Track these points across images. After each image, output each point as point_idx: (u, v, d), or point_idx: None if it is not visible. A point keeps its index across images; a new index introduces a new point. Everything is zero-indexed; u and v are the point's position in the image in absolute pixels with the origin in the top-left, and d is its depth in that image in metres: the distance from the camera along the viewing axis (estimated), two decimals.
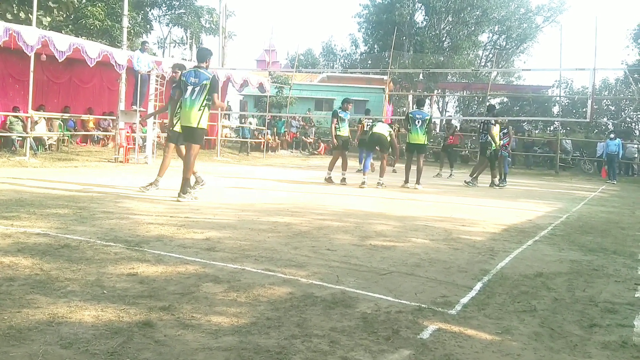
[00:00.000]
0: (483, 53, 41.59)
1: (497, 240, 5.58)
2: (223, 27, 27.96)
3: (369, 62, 40.25)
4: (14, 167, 11.53)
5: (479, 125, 13.66)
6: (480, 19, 38.29)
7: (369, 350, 2.53)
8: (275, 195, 8.92)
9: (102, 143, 17.88)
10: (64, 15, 20.88)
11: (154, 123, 15.59)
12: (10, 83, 15.45)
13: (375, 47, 41.48)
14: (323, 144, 26.44)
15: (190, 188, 7.42)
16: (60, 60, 13.52)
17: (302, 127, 28.64)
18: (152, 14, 32.77)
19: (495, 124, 13.18)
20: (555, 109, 33.73)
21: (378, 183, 11.07)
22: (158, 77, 15.16)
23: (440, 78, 34.91)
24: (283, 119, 27.30)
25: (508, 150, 14.48)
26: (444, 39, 39.24)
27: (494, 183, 13.02)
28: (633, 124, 33.87)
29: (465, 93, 38.16)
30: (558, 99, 31.92)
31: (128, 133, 15.73)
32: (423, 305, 3.22)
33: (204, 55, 7.44)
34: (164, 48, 34.95)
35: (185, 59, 29.21)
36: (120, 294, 3.12)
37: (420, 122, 11.39)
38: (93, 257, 3.94)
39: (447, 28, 39.09)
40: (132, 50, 17.12)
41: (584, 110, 22.55)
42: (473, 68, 33.02)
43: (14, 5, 17.82)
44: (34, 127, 14.15)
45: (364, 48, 44.35)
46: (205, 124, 7.39)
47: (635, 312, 3.38)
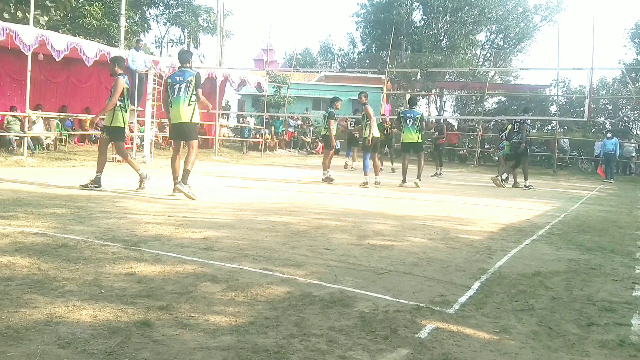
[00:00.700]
0: (481, 52, 41.61)
1: (495, 240, 5.58)
2: (221, 26, 27.96)
3: (367, 61, 40.31)
4: (12, 166, 11.51)
5: (512, 125, 13.46)
6: (478, 18, 38.30)
7: (367, 350, 2.53)
8: (273, 195, 8.92)
9: (99, 142, 17.84)
10: (62, 15, 20.85)
11: (152, 122, 15.56)
12: (8, 82, 15.41)
13: (373, 46, 41.49)
14: (321, 144, 26.44)
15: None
16: (58, 60, 13.50)
17: (300, 126, 28.64)
18: (149, 13, 32.76)
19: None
20: (553, 108, 33.78)
21: (375, 182, 11.10)
22: (155, 76, 15.14)
23: (438, 77, 34.95)
24: (281, 119, 27.30)
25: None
26: (442, 38, 39.24)
27: (502, 179, 13.08)
28: (630, 123, 33.91)
29: (463, 92, 38.19)
30: (556, 98, 32.00)
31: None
32: (421, 305, 3.23)
33: (186, 57, 7.86)
34: (162, 47, 34.93)
35: None
36: (118, 294, 3.12)
37: (412, 120, 11.52)
38: (91, 256, 3.94)
39: (444, 27, 39.10)
40: (129, 49, 17.09)
41: (582, 110, 22.63)
42: (471, 67, 33.08)
43: (11, 5, 17.78)
44: (32, 126, 14.12)
45: (362, 47, 44.34)
46: (198, 119, 7.70)
47: (633, 310, 3.38)
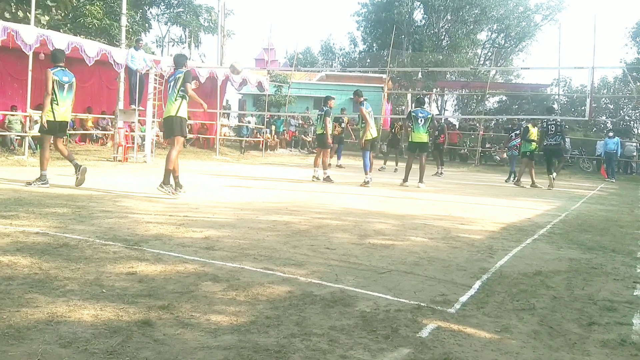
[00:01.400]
0: (482, 51, 41.55)
1: (496, 239, 5.58)
2: (222, 25, 27.96)
3: (368, 60, 40.28)
4: (13, 166, 11.52)
5: (546, 127, 13.22)
6: (479, 18, 38.24)
7: (368, 349, 2.53)
8: (274, 194, 8.92)
9: (100, 142, 17.86)
10: (63, 14, 20.86)
11: (153, 122, 15.57)
12: (9, 82, 15.42)
13: (374, 45, 41.44)
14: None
15: (177, 187, 7.67)
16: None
17: (301, 125, 28.64)
18: (150, 13, 32.77)
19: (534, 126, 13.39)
20: (554, 108, 33.72)
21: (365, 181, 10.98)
22: (156, 75, 15.14)
23: (439, 76, 34.91)
24: (282, 118, 27.29)
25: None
26: (443, 38, 39.19)
27: (513, 180, 13.17)
28: (632, 122, 33.88)
29: (464, 91, 38.16)
30: (557, 98, 31.95)
31: (127, 132, 15.72)
32: (422, 304, 3.23)
33: (181, 62, 8.21)
34: (163, 47, 34.95)
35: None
36: (119, 293, 3.12)
37: (424, 120, 11.42)
38: (92, 256, 3.94)
39: (445, 26, 39.05)
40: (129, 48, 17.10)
41: (583, 109, 22.57)
42: (472, 66, 33.05)
43: (12, 4, 17.79)
44: (33, 126, 14.13)
45: (363, 47, 44.28)
46: (185, 114, 7.84)
47: (634, 310, 3.38)
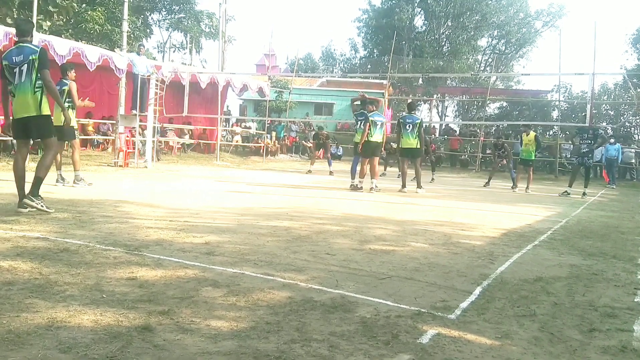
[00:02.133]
0: (482, 58, 41.69)
1: (496, 245, 5.57)
2: (223, 31, 28.03)
3: (369, 66, 40.39)
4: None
5: (580, 134, 13.15)
6: (480, 24, 38.39)
7: (369, 355, 2.52)
8: (275, 200, 8.92)
9: (101, 147, 17.89)
10: (64, 20, 20.94)
11: (154, 127, 15.60)
12: None
13: (375, 51, 41.58)
14: (322, 148, 26.49)
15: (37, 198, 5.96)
16: (60, 65, 13.53)
17: (301, 131, 28.67)
18: (152, 19, 32.90)
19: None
20: (555, 114, 33.79)
21: (371, 188, 10.88)
22: (158, 81, 15.17)
23: (440, 82, 34.99)
24: (283, 123, 27.33)
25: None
26: (443, 44, 39.34)
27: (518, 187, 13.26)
28: (632, 129, 33.90)
29: (465, 97, 38.22)
30: (557, 104, 31.97)
31: (128, 137, 15.74)
32: (422, 310, 3.22)
33: (27, 29, 6.10)
34: (164, 52, 35.05)
35: (185, 63, 29.32)
36: (120, 298, 3.12)
37: (411, 126, 11.41)
38: (92, 261, 3.94)
39: (446, 33, 39.20)
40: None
41: (583, 115, 22.55)
42: (472, 73, 33.17)
43: (14, 10, 17.88)
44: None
45: (364, 52, 44.43)
46: (48, 110, 6.08)
47: (635, 316, 3.37)
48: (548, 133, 31.28)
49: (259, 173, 15.93)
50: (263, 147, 22.77)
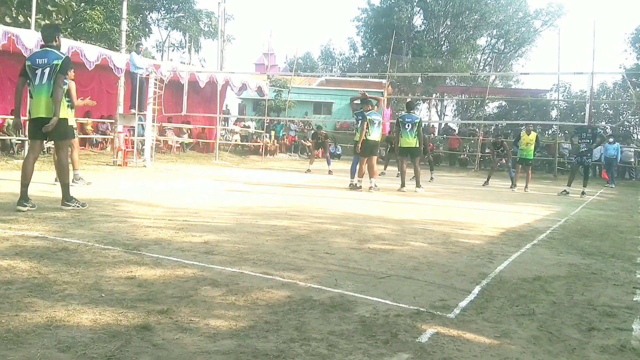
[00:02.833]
0: (481, 57, 41.70)
1: (495, 244, 5.58)
2: (222, 30, 28.02)
3: (368, 65, 40.39)
4: (12, 170, 11.51)
5: (579, 133, 13.06)
6: (479, 23, 38.40)
7: (368, 354, 2.52)
8: (274, 199, 8.92)
9: (100, 146, 17.87)
10: (63, 19, 20.91)
11: (153, 126, 15.59)
12: (9, 86, 15.40)
13: (374, 50, 41.60)
14: (321, 147, 26.52)
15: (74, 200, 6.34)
16: None
17: (300, 130, 28.66)
18: (151, 18, 32.91)
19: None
20: (554, 113, 33.81)
21: (370, 187, 10.92)
22: (157, 80, 15.16)
23: (439, 82, 35.02)
24: (281, 123, 27.33)
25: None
26: (443, 43, 39.36)
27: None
28: (631, 128, 33.92)
29: (464, 97, 38.24)
30: (556, 103, 31.99)
31: (127, 136, 15.73)
32: (421, 309, 3.22)
33: (51, 34, 6.35)
34: (163, 51, 35.05)
35: (184, 62, 29.31)
36: (119, 298, 3.12)
37: (410, 125, 11.43)
38: (91, 260, 3.94)
39: (445, 32, 39.23)
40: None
41: (582, 114, 22.59)
42: (471, 72, 33.17)
43: (13, 9, 17.86)
44: None
45: (363, 52, 44.45)
46: (65, 114, 6.49)
47: (634, 315, 3.38)
48: (547, 132, 31.30)
49: (258, 172, 15.93)
50: (262, 146, 22.77)
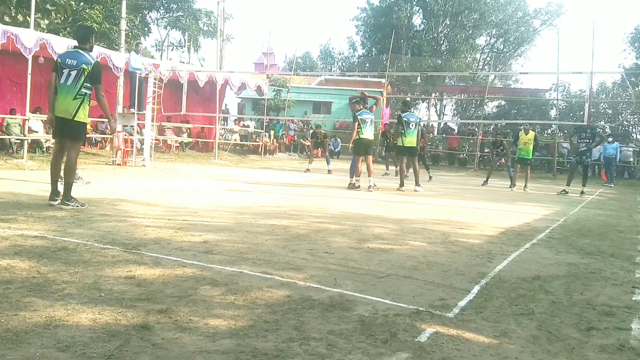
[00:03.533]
0: (481, 56, 41.71)
1: (494, 244, 5.58)
2: (221, 30, 28.01)
3: (367, 65, 40.38)
4: (12, 169, 11.51)
5: (578, 133, 13.08)
6: (478, 23, 38.40)
7: (367, 354, 2.52)
8: (273, 198, 8.92)
9: (99, 146, 17.86)
10: (62, 18, 20.88)
11: (152, 126, 15.58)
12: (8, 85, 15.43)
13: (373, 50, 41.60)
14: (320, 147, 26.54)
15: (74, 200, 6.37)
16: None
17: (300, 130, 28.66)
18: (150, 17, 32.87)
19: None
20: (553, 113, 33.81)
21: (369, 186, 10.98)
22: (156, 79, 15.15)
23: (438, 81, 35.02)
24: (281, 122, 27.32)
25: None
26: (442, 42, 39.36)
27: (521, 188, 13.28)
28: (630, 127, 33.94)
29: (463, 96, 38.24)
30: (555, 103, 32.01)
31: (126, 136, 15.73)
32: (421, 308, 3.22)
33: (85, 35, 6.63)
34: (162, 51, 35.03)
35: (184, 62, 29.28)
36: (118, 297, 3.12)
37: (414, 125, 11.49)
38: (90, 260, 3.93)
39: (444, 31, 39.22)
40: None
41: (582, 114, 22.61)
42: (471, 71, 33.18)
43: (12, 8, 17.82)
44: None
45: (362, 51, 44.46)
46: (84, 118, 6.50)
47: (633, 315, 3.38)
48: (546, 132, 31.31)
49: (257, 172, 15.92)
50: (261, 145, 22.77)
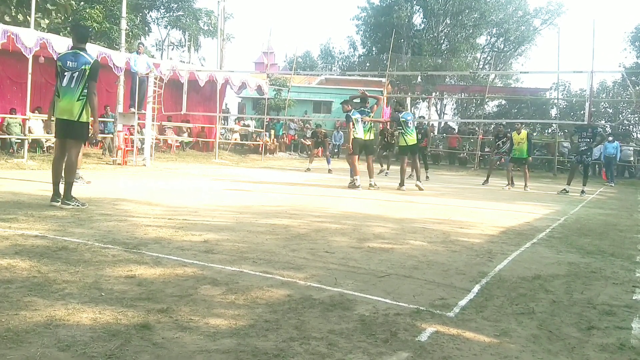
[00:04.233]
0: (481, 56, 41.62)
1: (495, 243, 5.58)
2: (221, 29, 27.99)
3: (367, 64, 40.32)
4: (12, 169, 11.51)
5: (578, 132, 13.12)
6: (478, 22, 38.33)
7: (367, 353, 2.52)
8: (273, 198, 8.92)
9: (100, 145, 17.85)
10: (62, 18, 20.87)
11: (152, 125, 15.58)
12: (8, 85, 15.44)
13: (374, 49, 41.52)
14: (320, 146, 26.54)
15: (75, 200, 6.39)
16: None
17: (300, 129, 28.64)
18: (150, 16, 32.81)
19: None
20: (553, 112, 33.78)
21: (370, 185, 11.18)
22: (156, 79, 15.15)
23: (439, 80, 34.99)
24: (281, 122, 27.31)
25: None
26: (442, 42, 39.29)
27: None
28: (631, 127, 33.90)
29: (463, 96, 38.21)
30: (556, 102, 31.97)
31: (126, 135, 15.73)
32: (421, 308, 3.22)
33: (84, 34, 6.62)
34: (162, 50, 35.00)
35: (184, 61, 29.29)
36: (118, 297, 3.12)
37: (412, 123, 11.79)
38: (91, 259, 3.94)
39: (445, 31, 39.16)
40: (130, 53, 17.12)
41: (582, 113, 22.59)
42: (471, 71, 33.12)
43: (12, 7, 17.82)
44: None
45: (362, 50, 44.37)
46: (87, 118, 6.44)
47: (633, 314, 3.38)
48: (547, 131, 31.29)
49: (258, 171, 15.92)
50: (262, 145, 22.77)
